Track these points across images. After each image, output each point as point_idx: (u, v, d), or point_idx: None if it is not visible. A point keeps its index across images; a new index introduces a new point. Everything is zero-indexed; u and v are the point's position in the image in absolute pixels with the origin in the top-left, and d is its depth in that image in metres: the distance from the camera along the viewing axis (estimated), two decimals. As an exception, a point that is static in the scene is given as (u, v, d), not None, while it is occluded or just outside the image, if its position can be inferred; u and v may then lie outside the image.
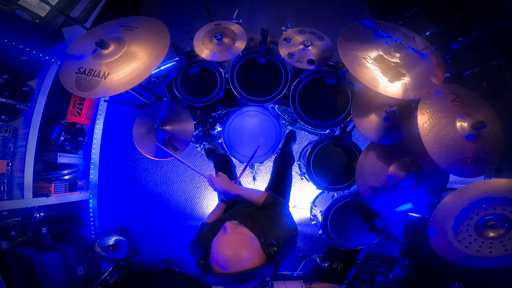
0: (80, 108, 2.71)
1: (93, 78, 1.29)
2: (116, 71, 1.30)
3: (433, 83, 1.31)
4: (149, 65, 1.31)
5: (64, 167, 2.66)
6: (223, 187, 1.27)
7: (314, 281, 2.39)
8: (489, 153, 1.34)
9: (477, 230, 1.35)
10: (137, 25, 1.43)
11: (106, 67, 1.31)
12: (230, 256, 0.80)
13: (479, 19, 1.88)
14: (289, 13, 2.96)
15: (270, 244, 0.86)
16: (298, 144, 2.62)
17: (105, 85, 1.27)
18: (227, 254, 0.80)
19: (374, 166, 1.58)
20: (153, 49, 1.35)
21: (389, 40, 1.38)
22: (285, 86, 1.70)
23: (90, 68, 1.30)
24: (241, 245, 0.83)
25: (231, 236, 0.86)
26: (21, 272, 2.29)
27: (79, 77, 1.30)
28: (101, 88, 1.27)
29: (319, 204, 2.29)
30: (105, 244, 2.53)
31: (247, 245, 0.83)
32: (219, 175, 1.31)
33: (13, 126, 2.31)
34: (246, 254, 0.80)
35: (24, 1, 1.97)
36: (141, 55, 1.33)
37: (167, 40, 1.37)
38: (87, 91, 1.28)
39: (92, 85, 1.28)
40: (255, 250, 0.83)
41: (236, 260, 0.79)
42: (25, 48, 2.22)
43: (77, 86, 1.29)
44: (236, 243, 0.83)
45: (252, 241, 0.85)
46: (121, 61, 1.32)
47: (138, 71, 1.29)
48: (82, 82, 1.29)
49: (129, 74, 1.29)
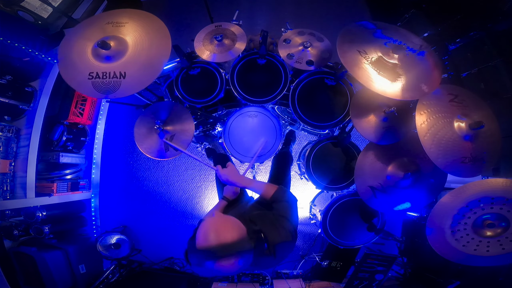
0: (82, 109, 2.73)
1: (112, 80, 1.28)
2: (130, 67, 1.29)
3: (427, 86, 1.32)
4: (158, 51, 1.31)
5: (66, 167, 2.68)
6: (232, 178, 1.21)
7: (314, 279, 2.41)
8: (486, 153, 1.35)
9: (474, 229, 1.37)
10: (124, 21, 1.40)
11: (119, 67, 1.30)
12: (210, 230, 0.81)
13: (476, 20, 1.89)
14: (288, 14, 2.98)
15: (255, 230, 0.87)
16: (298, 144, 2.64)
17: (129, 83, 1.28)
18: (208, 228, 0.82)
19: (372, 166, 1.59)
20: (153, 35, 1.35)
21: (388, 41, 1.39)
22: (284, 87, 1.72)
23: (103, 72, 1.29)
24: (225, 222, 0.85)
25: (217, 217, 0.89)
26: (23, 270, 2.32)
27: (94, 82, 1.29)
28: (126, 86, 1.27)
29: (318, 204, 2.30)
30: (107, 243, 2.55)
31: (230, 224, 0.85)
32: (228, 165, 1.26)
33: (16, 126, 2.33)
34: (228, 232, 0.82)
35: (27, 3, 1.99)
36: (145, 46, 1.33)
37: (161, 24, 1.38)
38: (114, 92, 1.28)
39: (115, 86, 1.28)
40: (238, 230, 0.84)
41: (216, 233, 0.80)
42: (28, 49, 2.24)
43: (97, 91, 1.29)
44: (220, 221, 0.85)
45: (237, 224, 0.86)
46: (130, 57, 1.31)
47: (152, 60, 1.30)
48: (100, 85, 1.29)
49: (146, 65, 1.29)
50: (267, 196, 1.16)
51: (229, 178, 1.21)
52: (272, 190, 1.16)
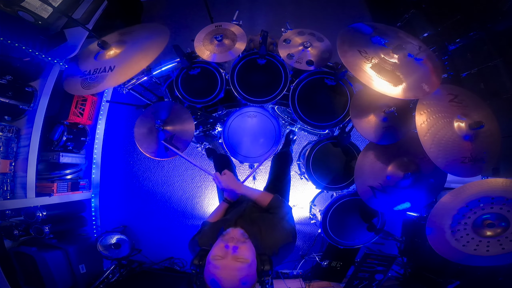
0: (82, 109, 2.73)
1: (99, 75, 1.31)
2: (120, 61, 1.33)
3: (428, 86, 1.32)
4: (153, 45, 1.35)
5: (66, 167, 2.68)
6: (229, 185, 1.26)
7: (314, 279, 2.41)
8: (486, 153, 1.35)
9: (474, 229, 1.37)
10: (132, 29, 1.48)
11: (111, 62, 1.34)
12: (225, 282, 0.82)
13: (476, 20, 1.89)
14: (288, 14, 2.98)
15: (264, 260, 0.88)
16: (298, 144, 2.64)
17: (114, 76, 1.30)
18: (223, 280, 0.82)
19: (372, 166, 1.59)
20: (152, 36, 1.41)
21: (388, 42, 1.39)
22: (284, 87, 1.72)
23: (95, 68, 1.34)
24: (238, 274, 0.84)
25: (231, 262, 0.84)
26: (24, 270, 2.32)
27: (84, 79, 1.33)
28: (110, 79, 1.29)
29: (318, 203, 2.30)
30: (107, 243, 2.55)
31: (244, 274, 0.84)
32: (225, 173, 1.29)
33: (16, 126, 2.33)
34: (242, 283, 0.83)
35: (27, 3, 1.99)
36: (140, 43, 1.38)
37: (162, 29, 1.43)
38: (95, 87, 1.29)
39: (99, 80, 1.30)
40: (250, 276, 0.85)
41: (231, 285, 0.82)
42: (28, 49, 2.24)
43: (83, 87, 1.32)
44: (234, 271, 0.83)
45: (250, 269, 0.86)
46: (124, 53, 1.37)
47: (144, 52, 1.34)
48: (87, 81, 1.32)
49: (134, 57, 1.33)
50: (264, 204, 1.20)
51: (228, 184, 1.26)
52: (268, 198, 1.21)
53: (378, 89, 1.26)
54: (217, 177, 1.27)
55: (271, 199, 1.20)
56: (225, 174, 1.29)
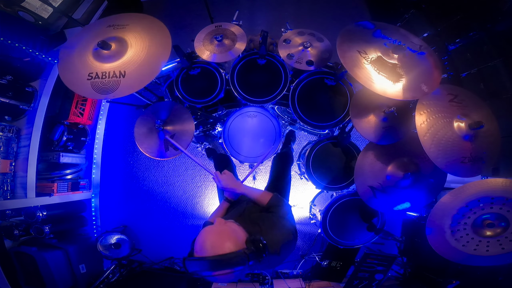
0: (83, 109, 2.74)
1: (111, 80, 1.28)
2: (129, 66, 1.30)
3: (428, 86, 1.33)
4: (158, 49, 1.32)
5: (67, 167, 2.69)
6: (229, 185, 1.27)
7: (314, 279, 2.41)
8: (486, 153, 1.35)
9: (474, 229, 1.37)
10: (125, 23, 1.42)
11: (118, 66, 1.30)
12: (206, 241, 0.84)
13: (476, 20, 1.89)
14: (288, 14, 2.98)
15: (255, 240, 0.87)
16: (298, 144, 2.64)
17: (127, 82, 1.28)
18: (205, 238, 0.85)
19: (372, 166, 1.60)
20: (154, 35, 1.36)
21: (388, 42, 1.39)
22: (284, 87, 1.72)
23: (103, 71, 1.30)
24: (222, 233, 0.87)
25: (215, 226, 0.91)
26: (24, 270, 2.32)
27: (93, 82, 1.29)
28: (124, 85, 1.27)
29: (318, 203, 2.31)
30: (107, 243, 2.55)
31: (227, 234, 0.87)
32: (225, 172, 1.31)
33: (16, 126, 2.33)
34: (224, 243, 0.83)
35: (27, 3, 2.00)
36: (146, 45, 1.34)
37: (160, 25, 1.41)
38: (111, 93, 1.27)
39: (113, 86, 1.27)
40: (234, 240, 0.86)
41: (212, 245, 0.83)
42: (28, 49, 2.24)
43: (96, 91, 1.28)
44: (217, 232, 0.88)
45: (234, 233, 0.88)
46: (130, 57, 1.32)
47: (152, 58, 1.31)
48: (99, 85, 1.28)
49: (145, 65, 1.30)
50: (264, 203, 1.21)
51: (228, 184, 1.27)
52: (268, 197, 1.21)
53: (378, 90, 1.26)
54: (217, 176, 1.29)
55: (270, 198, 1.20)
56: (225, 173, 1.30)
